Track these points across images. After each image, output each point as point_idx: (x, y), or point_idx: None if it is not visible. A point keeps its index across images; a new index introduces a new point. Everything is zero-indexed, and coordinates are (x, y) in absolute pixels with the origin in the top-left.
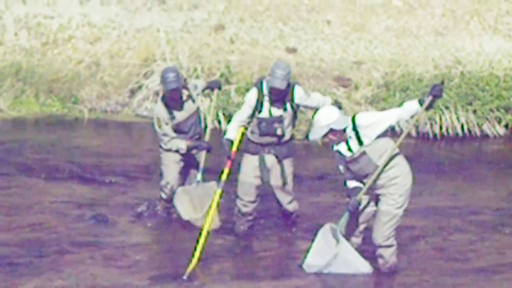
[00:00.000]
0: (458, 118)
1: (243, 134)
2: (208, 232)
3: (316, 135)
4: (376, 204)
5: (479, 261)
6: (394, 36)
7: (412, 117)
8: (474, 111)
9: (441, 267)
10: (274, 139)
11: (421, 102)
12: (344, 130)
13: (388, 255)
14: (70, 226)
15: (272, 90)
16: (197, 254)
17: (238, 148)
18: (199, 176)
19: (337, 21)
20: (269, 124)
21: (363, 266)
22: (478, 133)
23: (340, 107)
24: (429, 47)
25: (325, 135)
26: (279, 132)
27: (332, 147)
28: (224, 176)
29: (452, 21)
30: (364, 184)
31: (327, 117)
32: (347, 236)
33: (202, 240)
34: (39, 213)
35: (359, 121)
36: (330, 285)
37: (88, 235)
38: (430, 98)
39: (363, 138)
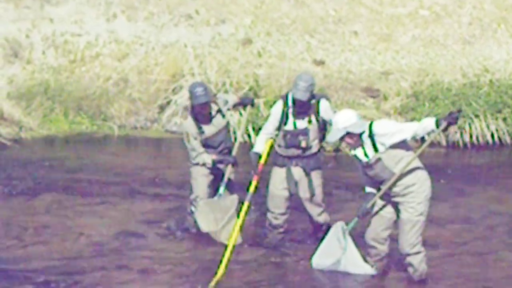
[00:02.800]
0: (488, 126)
1: (271, 146)
2: (234, 245)
3: (333, 137)
4: (396, 212)
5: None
6: (421, 46)
7: (428, 134)
8: (504, 119)
9: (475, 276)
10: (299, 152)
11: (437, 123)
12: (361, 135)
13: (417, 263)
14: (101, 242)
15: (295, 102)
16: (222, 266)
17: (266, 161)
18: (221, 189)
19: (364, 32)
20: (294, 137)
21: (366, 268)
22: (508, 141)
23: None
24: (457, 56)
25: (342, 138)
26: (303, 144)
27: (350, 150)
28: (251, 189)
29: (479, 29)
30: (380, 190)
31: (345, 120)
32: (371, 243)
33: (228, 252)
34: (77, 234)
35: (376, 129)
36: None
37: (120, 250)
38: (445, 123)
39: (378, 145)
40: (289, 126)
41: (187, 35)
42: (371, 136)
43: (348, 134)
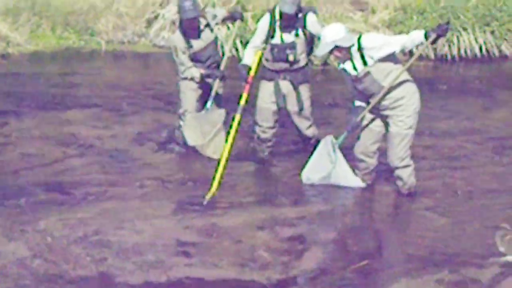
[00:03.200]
0: (476, 39)
1: (260, 59)
2: (227, 159)
3: (322, 51)
4: (385, 126)
5: (499, 180)
6: None
7: (417, 47)
8: (492, 32)
9: (461, 187)
10: (287, 65)
11: (426, 36)
12: (350, 48)
13: (406, 176)
14: (92, 161)
15: (282, 15)
16: (216, 180)
17: (256, 73)
18: (209, 103)
19: None
20: (281, 50)
21: (355, 181)
22: (496, 53)
23: None
24: None
25: (331, 52)
26: (290, 58)
27: (338, 65)
28: (242, 101)
29: None
30: (369, 104)
31: (333, 34)
32: (361, 156)
33: (221, 166)
34: (60, 145)
35: (364, 42)
36: (350, 209)
37: (113, 170)
38: (434, 36)
39: (367, 59)
40: (276, 40)
41: None
42: (360, 49)
43: (337, 47)
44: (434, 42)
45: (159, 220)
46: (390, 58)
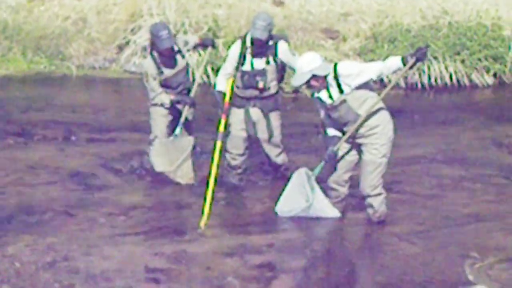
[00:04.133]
0: (446, 68)
1: (233, 85)
2: (214, 184)
3: (299, 81)
4: (359, 154)
5: (469, 208)
6: None
7: (394, 73)
8: (463, 61)
9: (430, 215)
10: (257, 93)
11: (404, 61)
12: (326, 77)
13: (378, 204)
14: (61, 187)
15: (254, 42)
16: (206, 208)
17: (230, 99)
18: (178, 130)
19: None
20: (251, 77)
21: (333, 212)
22: (467, 82)
23: None
24: None
25: (308, 81)
26: (260, 85)
27: (312, 95)
28: (221, 128)
29: None
30: (343, 133)
31: (310, 63)
32: (332, 185)
33: (209, 193)
34: (27, 174)
35: (340, 70)
36: (320, 237)
37: (82, 196)
38: (413, 60)
39: (343, 87)
40: (246, 67)
41: None
42: (336, 77)
43: (314, 76)
44: (412, 66)
45: (128, 246)
46: (366, 85)
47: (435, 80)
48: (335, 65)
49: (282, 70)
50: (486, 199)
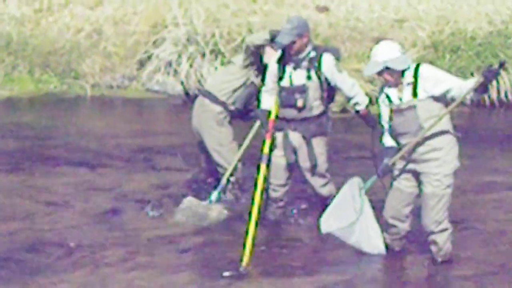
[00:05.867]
0: None
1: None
2: (256, 222)
3: (370, 70)
4: (419, 185)
5: None
6: None
7: (465, 96)
8: None
9: (503, 255)
10: (295, 113)
11: (476, 89)
12: (403, 73)
13: (443, 241)
14: (71, 221)
15: (284, 50)
16: (247, 246)
17: (276, 117)
18: (214, 195)
19: None
20: (289, 94)
21: (378, 243)
22: None
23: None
24: (482, 1)
25: (380, 73)
26: (299, 103)
27: (381, 89)
28: (265, 149)
29: None
30: (399, 146)
31: (386, 53)
32: (391, 221)
33: (251, 230)
34: (40, 205)
35: (423, 71)
36: (373, 279)
37: (93, 230)
38: (481, 80)
39: (419, 90)
40: (285, 82)
41: None
42: (415, 77)
43: (387, 69)
44: (482, 90)
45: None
46: (443, 100)
47: (505, 95)
48: (418, 64)
49: (330, 88)
50: None
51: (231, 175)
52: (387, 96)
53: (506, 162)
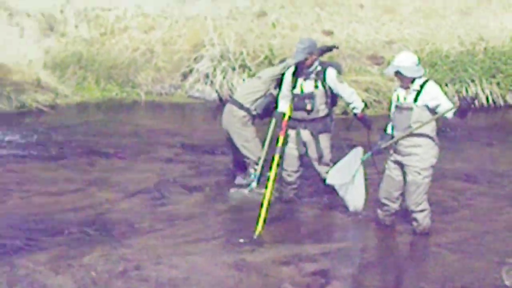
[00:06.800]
0: (483, 90)
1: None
2: (269, 201)
3: (387, 71)
4: (403, 175)
5: (506, 219)
6: (422, 17)
7: (441, 115)
8: (498, 83)
9: (471, 226)
10: (306, 114)
11: (454, 112)
12: (413, 81)
13: (421, 218)
14: (130, 202)
15: (297, 65)
16: (261, 218)
17: (289, 118)
18: (254, 184)
19: (369, 4)
20: (301, 100)
21: (358, 205)
22: (501, 103)
23: None
24: (455, 26)
25: (396, 74)
26: (308, 107)
27: (395, 89)
28: (279, 143)
29: (476, 0)
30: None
31: (401, 60)
32: (384, 201)
33: (265, 204)
34: (103, 191)
35: (428, 86)
36: (369, 246)
37: (148, 210)
38: (458, 108)
39: (419, 99)
40: (297, 90)
41: (207, 8)
42: (421, 88)
43: (399, 73)
44: (460, 115)
45: (192, 256)
46: (433, 111)
47: (473, 102)
48: (427, 80)
49: (333, 95)
50: None
51: (257, 164)
52: (397, 95)
53: (472, 156)
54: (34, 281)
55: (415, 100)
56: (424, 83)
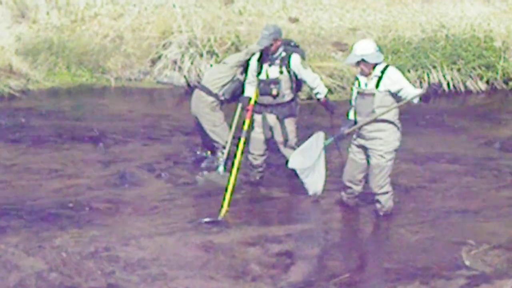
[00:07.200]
0: (444, 76)
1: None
2: (235, 179)
3: (349, 60)
4: (367, 158)
5: (466, 200)
6: (385, 4)
7: (409, 99)
8: (458, 70)
9: (432, 208)
10: (271, 99)
11: (420, 98)
12: (374, 67)
13: (384, 200)
14: (100, 185)
15: (262, 51)
16: (226, 200)
17: (255, 103)
18: (221, 167)
19: None
20: (266, 85)
21: (318, 188)
22: (462, 89)
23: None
24: (417, 14)
25: (357, 64)
26: (274, 92)
27: (356, 77)
28: (245, 126)
29: None
30: (356, 123)
31: (363, 48)
32: (347, 184)
33: (230, 186)
34: (73, 175)
35: (389, 71)
36: (334, 227)
37: (118, 193)
38: (424, 93)
39: (381, 84)
40: (262, 76)
41: None
42: (382, 73)
43: (363, 61)
44: (425, 100)
45: (161, 238)
46: (395, 96)
47: (439, 87)
48: (388, 65)
49: (298, 81)
50: (481, 192)
51: (224, 147)
52: (358, 81)
53: (434, 139)
54: (6, 261)
55: (377, 85)
56: (385, 68)
